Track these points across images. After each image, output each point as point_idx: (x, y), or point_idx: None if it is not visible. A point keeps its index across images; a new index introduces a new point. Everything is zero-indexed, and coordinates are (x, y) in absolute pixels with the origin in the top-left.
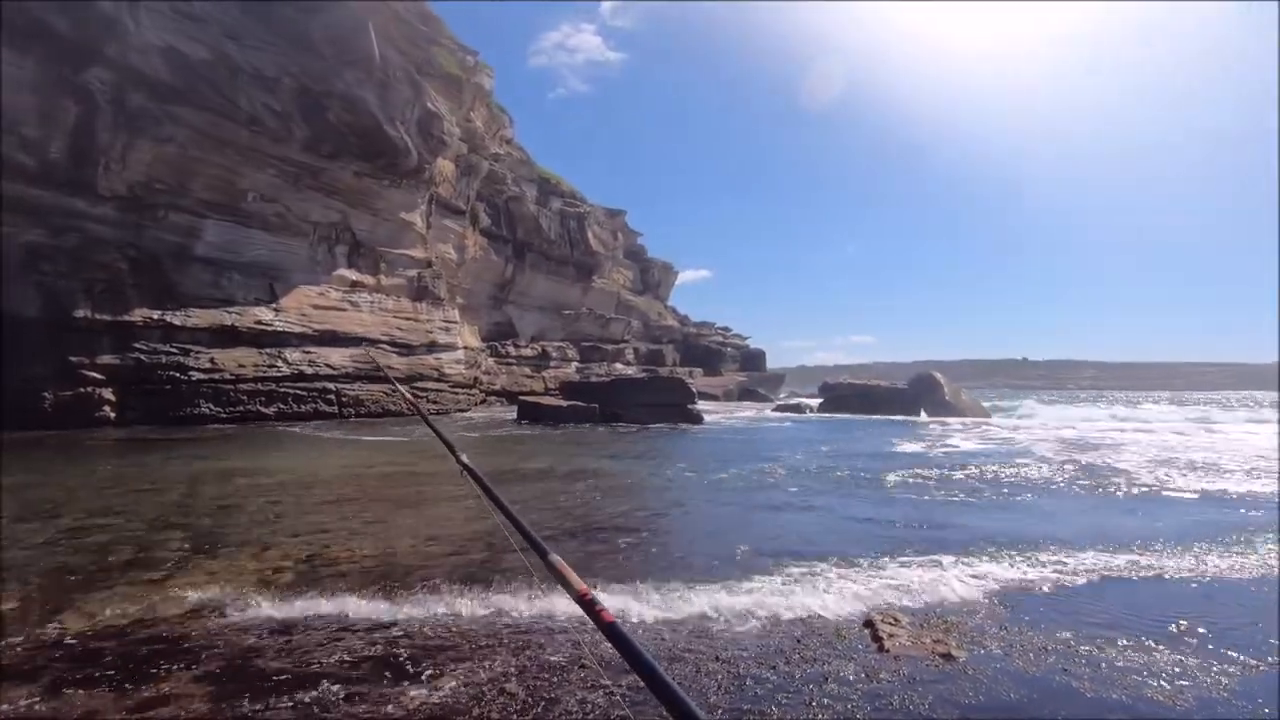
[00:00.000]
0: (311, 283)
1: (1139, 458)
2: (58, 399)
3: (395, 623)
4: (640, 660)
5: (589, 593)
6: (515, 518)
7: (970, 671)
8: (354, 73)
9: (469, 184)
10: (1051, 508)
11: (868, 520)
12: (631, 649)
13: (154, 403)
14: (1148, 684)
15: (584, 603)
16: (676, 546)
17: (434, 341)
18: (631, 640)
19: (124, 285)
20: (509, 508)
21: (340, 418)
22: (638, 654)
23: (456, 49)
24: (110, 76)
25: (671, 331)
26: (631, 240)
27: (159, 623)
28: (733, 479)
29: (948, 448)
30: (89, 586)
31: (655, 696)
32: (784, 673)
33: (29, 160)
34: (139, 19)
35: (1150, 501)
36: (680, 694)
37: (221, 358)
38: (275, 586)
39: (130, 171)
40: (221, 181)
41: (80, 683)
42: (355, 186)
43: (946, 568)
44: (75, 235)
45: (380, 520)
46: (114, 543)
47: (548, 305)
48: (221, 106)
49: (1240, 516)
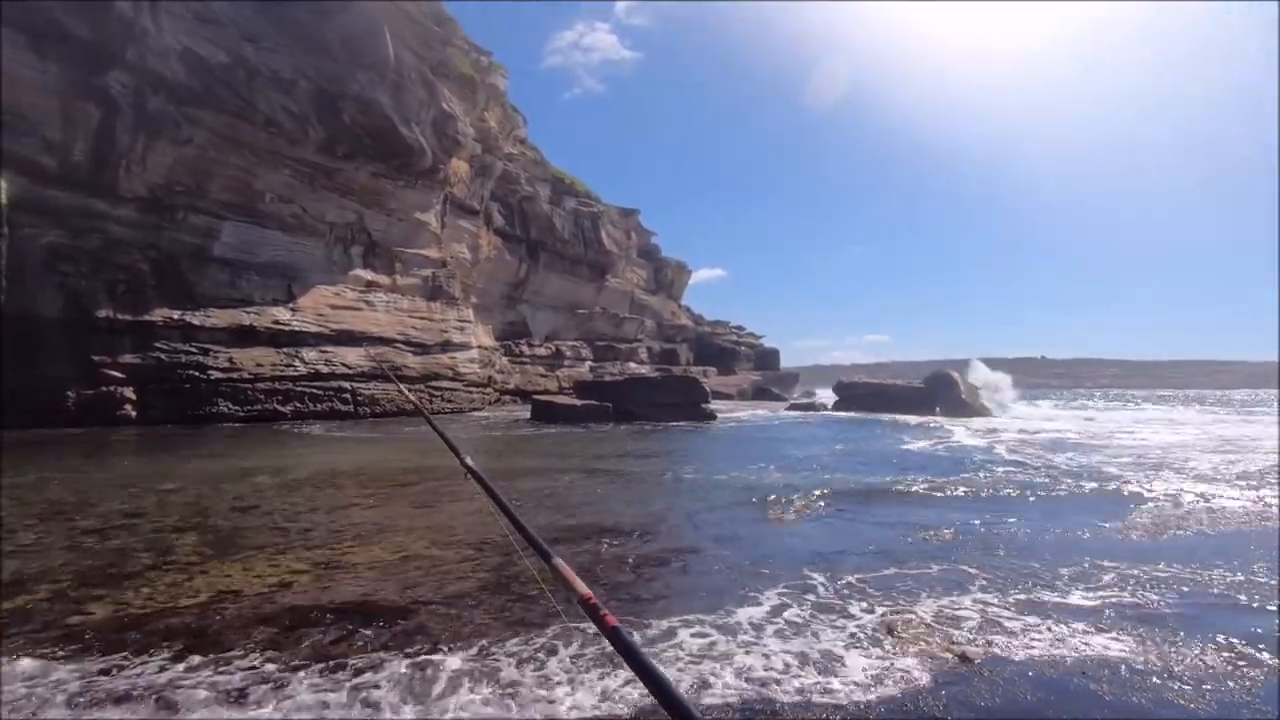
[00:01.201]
0: (328, 283)
1: (1112, 458)
2: (80, 398)
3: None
4: (643, 665)
5: (592, 597)
6: (518, 520)
7: (987, 673)
8: (369, 74)
9: (483, 184)
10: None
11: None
12: (635, 654)
13: (174, 401)
14: (1169, 686)
15: (588, 606)
16: (683, 554)
17: (449, 341)
18: (635, 645)
19: (144, 286)
20: (512, 510)
21: (356, 417)
22: (641, 659)
23: (471, 50)
24: (130, 79)
25: (685, 331)
26: (645, 240)
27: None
28: (735, 481)
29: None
30: (110, 583)
31: (659, 702)
32: (797, 672)
33: (51, 162)
34: (158, 22)
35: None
36: (683, 699)
37: (240, 357)
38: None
39: (150, 173)
40: (239, 183)
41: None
42: (370, 187)
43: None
44: (97, 236)
45: (397, 521)
46: (133, 544)
47: (561, 304)
48: (239, 108)
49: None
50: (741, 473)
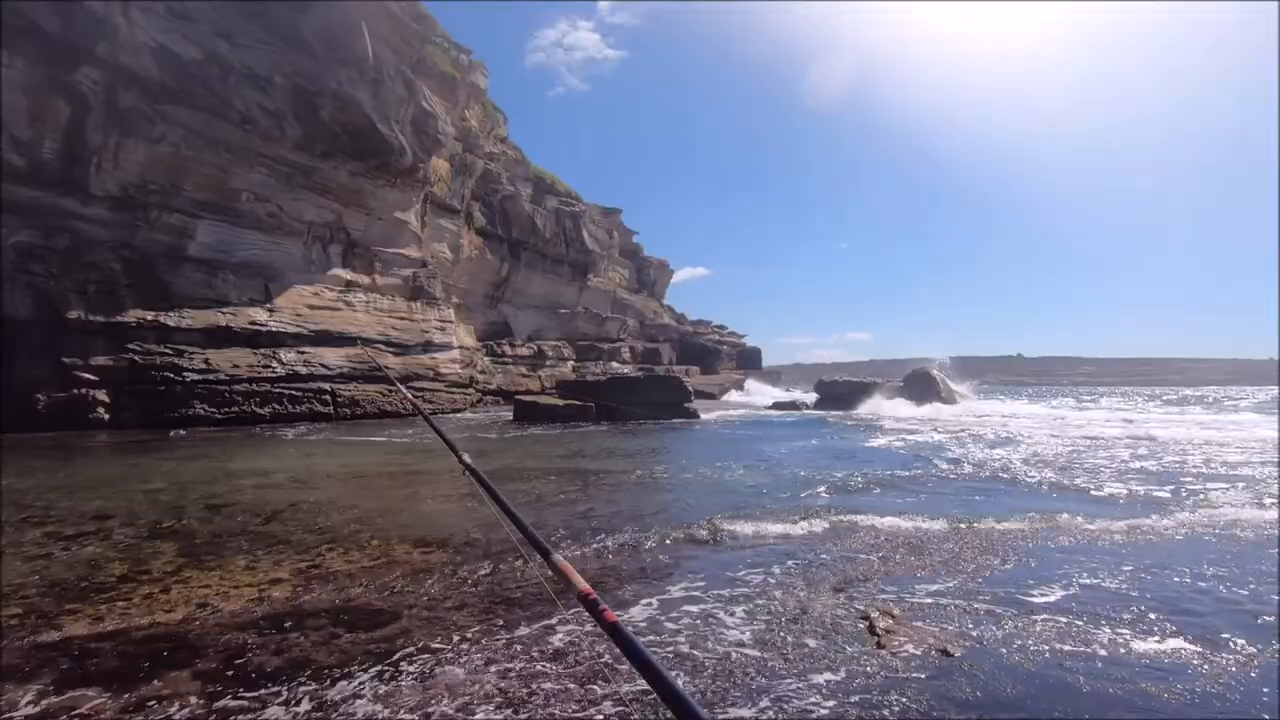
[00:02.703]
0: (306, 282)
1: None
2: (51, 400)
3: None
4: (643, 660)
5: (591, 592)
6: (518, 517)
7: (967, 667)
8: (347, 71)
9: (464, 183)
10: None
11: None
12: (635, 649)
13: (148, 404)
14: (1145, 676)
15: (587, 602)
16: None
17: (429, 341)
18: (634, 640)
19: (117, 286)
20: (511, 507)
21: (336, 418)
22: (641, 654)
23: (450, 48)
24: (102, 76)
25: (668, 330)
26: (627, 239)
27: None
28: (717, 473)
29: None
30: (82, 596)
31: (658, 696)
32: (779, 668)
33: (20, 161)
34: (130, 18)
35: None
36: (683, 694)
37: (215, 358)
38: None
39: (123, 171)
40: (214, 181)
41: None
42: (349, 186)
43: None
44: (67, 236)
45: (378, 524)
46: (106, 552)
47: (543, 304)
48: (214, 106)
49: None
50: (717, 473)
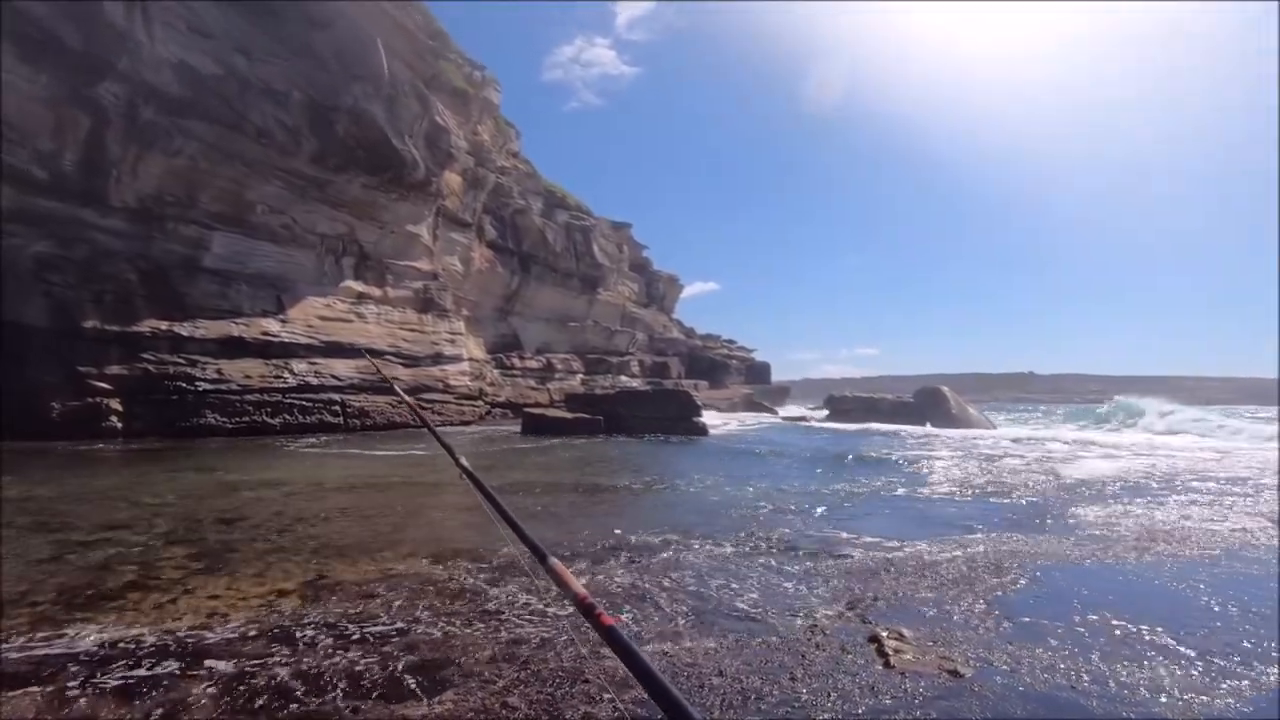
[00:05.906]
0: (318, 294)
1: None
2: (65, 409)
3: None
4: (640, 665)
5: (588, 597)
6: (514, 521)
7: (977, 688)
8: (362, 87)
9: (475, 197)
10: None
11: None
12: (631, 654)
13: (160, 413)
14: (1157, 699)
15: (583, 607)
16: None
17: (439, 353)
18: (631, 645)
19: (133, 296)
20: (508, 511)
21: (346, 429)
22: (637, 659)
23: (464, 63)
24: (122, 90)
25: (676, 344)
26: (637, 253)
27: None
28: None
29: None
30: (90, 604)
31: (655, 701)
32: (788, 688)
33: (41, 172)
34: (151, 33)
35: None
36: (680, 699)
37: (228, 368)
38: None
39: (141, 183)
40: (230, 194)
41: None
42: (362, 199)
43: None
44: (85, 246)
45: (387, 535)
46: (117, 559)
47: (553, 317)
48: (231, 120)
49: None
50: (725, 489)
